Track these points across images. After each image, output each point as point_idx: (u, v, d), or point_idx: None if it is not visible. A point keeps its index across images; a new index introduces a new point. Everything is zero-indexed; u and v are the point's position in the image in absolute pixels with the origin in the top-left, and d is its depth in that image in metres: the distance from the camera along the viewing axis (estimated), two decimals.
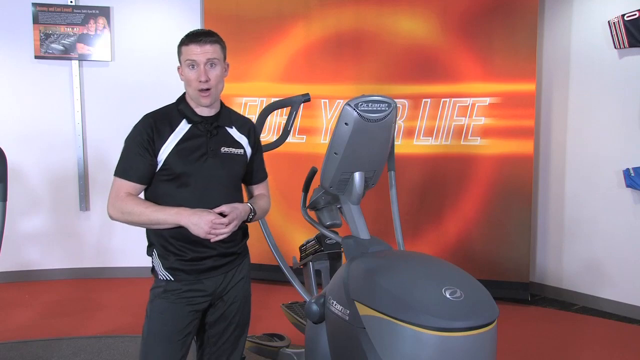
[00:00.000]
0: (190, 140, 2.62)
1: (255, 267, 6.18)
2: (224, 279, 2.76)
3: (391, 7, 5.92)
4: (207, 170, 2.61)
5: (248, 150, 2.77)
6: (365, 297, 2.38)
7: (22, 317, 5.17)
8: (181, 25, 6.45)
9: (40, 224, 5.98)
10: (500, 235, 5.76)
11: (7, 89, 6.16)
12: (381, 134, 2.72)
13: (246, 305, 2.91)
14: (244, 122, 2.83)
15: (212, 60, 2.63)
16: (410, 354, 2.24)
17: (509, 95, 5.63)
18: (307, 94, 2.98)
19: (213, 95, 2.67)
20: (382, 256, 2.66)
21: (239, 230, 2.70)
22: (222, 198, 2.61)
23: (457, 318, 2.22)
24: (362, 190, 2.77)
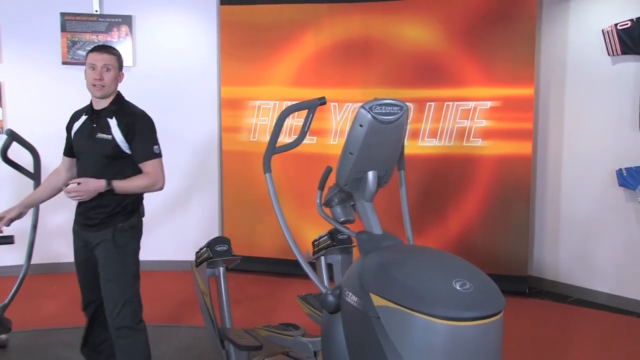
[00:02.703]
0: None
1: (269, 261, 6.28)
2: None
3: (397, 15, 5.92)
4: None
5: (118, 137, 3.15)
6: (380, 288, 2.38)
7: (51, 307, 5.20)
8: (198, 33, 6.49)
9: (67, 219, 5.98)
10: (499, 231, 5.75)
11: (37, 93, 6.21)
12: (393, 135, 2.72)
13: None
14: (127, 114, 3.23)
15: (107, 65, 3.19)
16: (423, 342, 2.24)
17: (509, 99, 5.62)
18: (323, 97, 2.96)
19: (104, 90, 3.20)
20: (395, 250, 2.66)
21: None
22: (93, 169, 3.15)
23: (467, 308, 2.22)
24: (375, 188, 2.77)
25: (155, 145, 3.26)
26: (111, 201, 3.18)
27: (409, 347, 2.26)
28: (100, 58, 3.19)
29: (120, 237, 3.23)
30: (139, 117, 3.26)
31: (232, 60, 6.35)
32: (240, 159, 6.40)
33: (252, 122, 6.34)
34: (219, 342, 3.77)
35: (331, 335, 2.69)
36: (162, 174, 3.27)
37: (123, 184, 3.15)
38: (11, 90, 6.17)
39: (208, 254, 3.80)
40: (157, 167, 3.24)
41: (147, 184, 3.21)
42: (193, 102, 6.47)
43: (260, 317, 4.90)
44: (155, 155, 3.24)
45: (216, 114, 6.51)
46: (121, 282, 3.22)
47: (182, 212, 6.51)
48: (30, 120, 5.98)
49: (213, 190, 6.59)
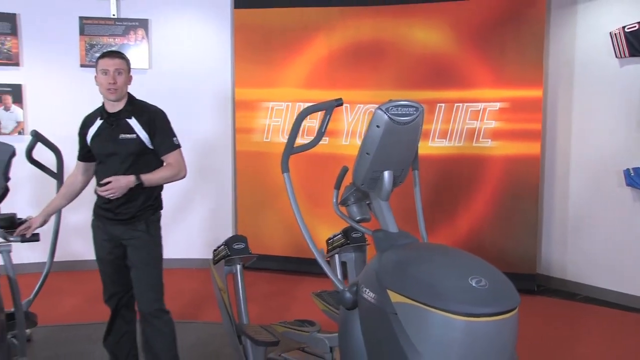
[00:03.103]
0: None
1: (282, 259, 6.29)
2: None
3: (407, 18, 5.94)
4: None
5: (142, 135, 3.25)
6: (397, 285, 2.39)
7: (70, 303, 5.25)
8: (213, 36, 6.52)
9: (84, 219, 6.02)
10: (508, 230, 5.76)
11: (56, 95, 6.26)
12: (409, 136, 2.74)
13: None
14: (143, 112, 3.32)
15: (119, 69, 3.26)
16: (440, 337, 2.26)
17: (518, 101, 5.63)
18: (339, 99, 2.98)
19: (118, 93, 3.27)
20: (411, 248, 2.67)
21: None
22: (120, 169, 3.23)
23: (483, 304, 2.24)
24: (391, 187, 2.78)
25: (174, 137, 3.37)
26: (140, 195, 3.28)
27: (425, 342, 2.28)
28: (112, 63, 3.26)
29: (153, 228, 3.38)
30: (156, 113, 3.37)
31: (246, 63, 6.38)
32: (254, 159, 6.43)
33: (265, 123, 6.37)
34: (237, 337, 3.79)
35: (348, 331, 2.70)
36: (184, 164, 3.38)
37: (150, 177, 3.25)
38: (32, 92, 6.22)
39: (226, 251, 3.83)
40: (178, 157, 3.36)
41: (171, 174, 3.32)
42: (207, 103, 6.51)
43: (275, 314, 4.93)
44: (175, 147, 3.35)
45: (230, 115, 6.54)
46: (154, 269, 3.36)
47: (197, 211, 6.55)
48: (49, 121, 6.00)
49: (227, 190, 6.62)
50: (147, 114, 3.32)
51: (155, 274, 3.36)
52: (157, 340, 3.33)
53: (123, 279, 3.42)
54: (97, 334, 4.35)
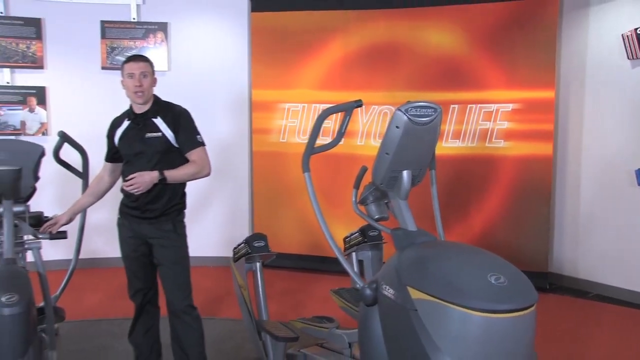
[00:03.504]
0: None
1: (297, 257, 6.31)
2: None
3: (421, 21, 5.95)
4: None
5: (167, 133, 3.30)
6: (417, 282, 2.41)
7: (94, 299, 5.30)
8: (230, 39, 6.55)
9: (106, 217, 6.07)
10: (521, 229, 5.75)
11: (78, 97, 6.31)
12: (428, 136, 2.76)
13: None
14: (168, 111, 3.38)
15: (144, 72, 3.32)
16: (459, 333, 2.27)
17: (530, 102, 5.62)
18: (359, 100, 3.01)
19: (145, 96, 3.33)
20: (430, 246, 2.69)
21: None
22: (147, 167, 3.25)
23: (502, 301, 2.25)
24: (410, 186, 2.80)
25: (198, 135, 3.40)
26: (165, 193, 3.32)
27: (445, 338, 2.30)
28: (137, 67, 3.32)
29: (180, 227, 3.42)
30: (180, 112, 3.41)
31: (263, 65, 6.40)
32: (270, 159, 6.46)
33: (282, 123, 6.39)
34: (257, 333, 3.83)
35: (368, 327, 2.72)
36: (207, 161, 3.41)
37: (174, 173, 3.27)
38: (55, 94, 6.28)
39: (246, 249, 3.86)
40: (202, 155, 3.38)
41: (195, 171, 3.33)
42: (225, 104, 6.54)
43: (292, 311, 4.95)
44: (199, 144, 3.38)
45: (247, 116, 6.57)
46: (183, 267, 3.39)
47: (214, 211, 6.58)
48: (72, 122, 6.05)
49: (244, 189, 6.65)
50: (172, 113, 3.37)
51: (184, 272, 3.38)
52: (186, 335, 3.37)
53: (148, 275, 3.45)
54: (120, 329, 4.41)
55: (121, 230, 3.46)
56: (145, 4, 6.40)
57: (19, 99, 6.14)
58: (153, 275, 3.46)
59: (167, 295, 3.37)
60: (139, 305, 3.51)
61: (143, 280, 3.45)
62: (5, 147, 3.39)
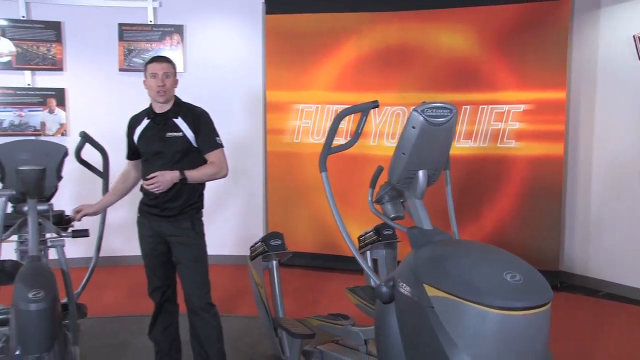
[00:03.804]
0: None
1: (311, 256, 6.33)
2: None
3: (433, 23, 5.95)
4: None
5: (188, 133, 3.34)
6: (434, 280, 2.42)
7: (112, 296, 5.35)
8: (245, 41, 6.57)
9: (124, 216, 6.12)
10: (532, 228, 5.74)
11: (96, 98, 6.36)
12: (443, 136, 2.77)
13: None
14: (189, 112, 3.41)
15: (167, 72, 3.35)
16: (475, 330, 2.28)
17: (542, 103, 5.62)
18: (376, 101, 3.01)
19: (167, 95, 3.36)
20: (446, 244, 2.70)
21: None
22: (167, 166, 3.29)
23: (518, 299, 2.26)
24: (425, 186, 2.81)
25: (217, 136, 3.44)
26: (184, 192, 3.34)
27: (462, 335, 2.31)
28: (160, 67, 3.36)
29: (198, 225, 3.45)
30: (200, 113, 3.44)
31: (277, 66, 6.43)
32: (284, 160, 6.49)
33: (296, 124, 6.41)
34: (273, 330, 3.85)
35: (385, 324, 2.74)
36: (225, 162, 3.44)
37: (194, 173, 3.32)
38: (74, 96, 6.33)
39: (263, 248, 3.88)
40: (221, 156, 3.42)
41: (213, 171, 3.38)
42: (240, 105, 6.56)
43: (306, 308, 4.95)
44: (218, 145, 3.42)
45: (261, 117, 6.59)
46: (202, 265, 3.42)
47: (229, 210, 6.61)
48: (90, 123, 6.09)
49: (258, 189, 6.68)
50: (193, 114, 3.40)
51: (203, 269, 3.41)
52: (206, 332, 3.38)
53: (167, 273, 3.47)
54: (140, 326, 4.44)
55: (140, 228, 3.48)
56: (162, 7, 6.44)
57: (39, 100, 6.19)
58: (172, 273, 3.48)
59: (186, 293, 3.39)
60: (158, 303, 3.53)
61: (162, 278, 3.47)
62: (29, 148, 3.42)
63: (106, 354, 4.08)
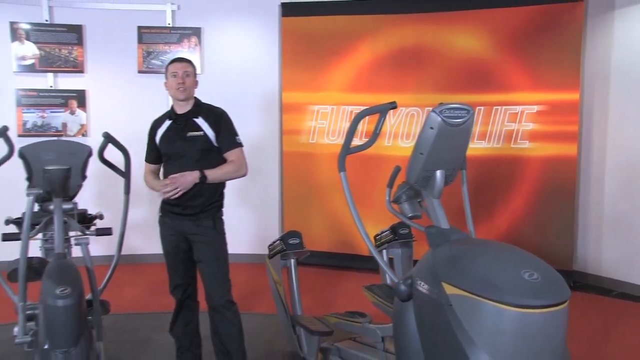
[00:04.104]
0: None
1: (326, 255, 6.34)
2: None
3: (448, 25, 5.95)
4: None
5: (209, 132, 3.38)
6: (452, 278, 2.43)
7: (131, 294, 5.39)
8: (261, 43, 6.60)
9: (142, 215, 6.17)
10: (545, 228, 5.73)
11: (116, 99, 6.42)
12: (460, 137, 2.78)
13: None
14: (209, 112, 3.46)
15: (187, 72, 3.42)
16: (494, 328, 2.29)
17: (555, 104, 5.60)
18: (394, 102, 3.03)
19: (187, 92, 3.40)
20: (464, 243, 2.71)
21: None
22: (189, 165, 3.32)
23: (536, 297, 2.27)
24: (443, 185, 2.82)
25: (237, 136, 3.49)
26: (205, 191, 3.38)
27: (480, 332, 2.31)
28: (180, 66, 3.43)
29: (219, 224, 3.50)
30: (221, 113, 3.50)
31: (293, 68, 6.45)
32: (300, 160, 6.51)
33: (311, 125, 6.44)
34: (291, 328, 3.87)
35: (403, 322, 2.75)
36: (245, 161, 3.48)
37: (214, 172, 3.35)
38: (94, 97, 6.39)
39: (281, 246, 3.90)
40: (240, 155, 3.47)
41: (233, 170, 3.42)
42: (256, 106, 6.59)
43: (322, 306, 4.97)
44: (238, 145, 3.48)
45: (277, 118, 6.62)
46: (223, 263, 3.45)
47: (246, 209, 6.64)
48: (110, 124, 6.13)
49: (274, 189, 6.70)
50: (214, 114, 3.45)
51: (224, 268, 3.44)
52: (226, 329, 3.42)
53: (187, 271, 3.51)
54: (160, 322, 4.47)
55: (162, 227, 3.52)
56: (180, 10, 6.48)
57: (61, 101, 6.26)
58: (193, 271, 3.51)
59: (207, 291, 3.42)
60: (179, 300, 3.57)
61: (183, 276, 3.50)
62: (55, 148, 3.45)
63: (128, 349, 4.12)
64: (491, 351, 2.29)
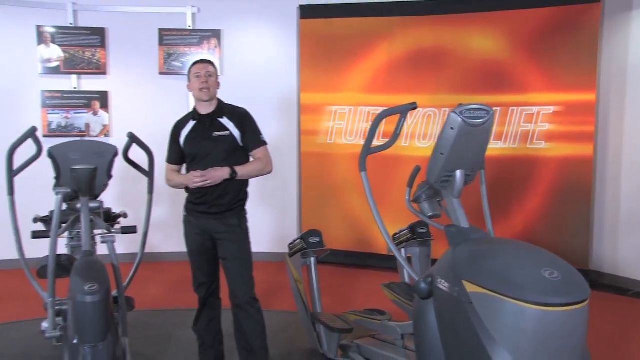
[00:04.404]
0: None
1: (343, 253, 6.35)
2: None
3: (465, 26, 5.95)
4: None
5: (234, 132, 3.41)
6: (473, 276, 2.44)
7: (153, 291, 5.43)
8: (280, 45, 6.63)
9: (163, 213, 6.22)
10: (562, 227, 5.71)
11: (137, 100, 6.48)
12: (480, 137, 2.78)
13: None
14: (233, 112, 3.49)
15: (209, 72, 3.44)
16: (514, 326, 2.29)
17: (571, 104, 5.58)
18: (414, 103, 3.04)
19: (210, 93, 3.42)
20: (484, 242, 2.72)
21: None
22: (215, 164, 3.35)
23: (556, 295, 2.27)
24: (463, 185, 2.83)
25: (262, 134, 3.52)
26: (232, 189, 3.40)
27: (501, 330, 2.32)
28: (203, 67, 3.45)
29: (244, 222, 3.53)
30: (245, 113, 3.54)
31: (311, 69, 6.48)
32: (318, 160, 6.53)
33: (329, 125, 6.45)
34: (312, 325, 3.89)
35: (424, 319, 2.76)
36: (270, 159, 3.52)
37: (243, 169, 3.40)
38: (116, 98, 6.46)
39: (302, 245, 3.92)
40: (266, 153, 3.51)
41: (260, 168, 3.47)
42: (275, 107, 6.61)
43: (341, 304, 4.98)
44: (263, 143, 3.52)
45: (295, 118, 6.64)
46: (248, 261, 3.48)
47: (264, 209, 6.66)
48: (132, 124, 6.18)
49: (292, 188, 6.73)
50: (238, 114, 3.48)
51: (249, 265, 3.46)
52: (250, 326, 3.43)
53: (212, 269, 3.53)
54: (182, 319, 4.52)
55: (187, 226, 3.54)
56: (200, 12, 6.52)
57: (84, 103, 6.33)
58: (216, 269, 3.54)
59: (232, 288, 3.44)
60: (203, 298, 3.58)
61: (207, 274, 3.52)
62: (82, 148, 3.49)
63: (151, 345, 4.16)
64: (512, 349, 2.29)
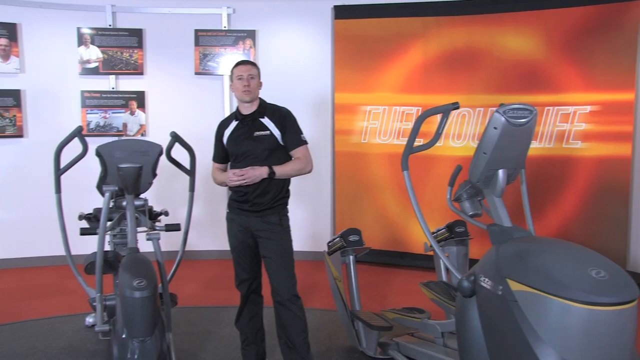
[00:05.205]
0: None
1: (377, 252, 6.36)
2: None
3: (499, 26, 5.92)
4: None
5: (275, 132, 3.44)
6: (518, 274, 2.45)
7: (190, 288, 5.50)
8: (314, 45, 6.66)
9: (197, 212, 6.29)
10: (598, 228, 5.65)
11: (173, 100, 6.58)
12: (523, 137, 2.79)
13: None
14: (274, 112, 3.52)
15: (251, 74, 3.47)
16: (561, 324, 2.30)
17: (609, 104, 5.52)
18: (456, 103, 3.07)
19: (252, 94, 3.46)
20: (528, 241, 2.73)
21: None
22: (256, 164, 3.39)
23: (604, 294, 2.27)
24: (505, 184, 2.84)
25: (302, 134, 3.53)
26: (272, 187, 3.43)
27: (547, 328, 2.33)
28: (245, 69, 3.48)
29: (285, 220, 3.56)
30: (286, 113, 3.56)
31: (345, 69, 6.50)
32: (352, 159, 6.55)
33: (363, 125, 6.47)
34: (351, 322, 3.92)
35: (466, 317, 2.77)
36: (310, 159, 3.53)
37: (281, 168, 3.42)
38: (153, 98, 6.56)
39: (341, 243, 3.95)
40: (306, 152, 3.52)
41: (300, 167, 3.48)
42: (309, 107, 6.65)
43: (377, 302, 5.00)
44: (303, 142, 3.52)
45: (330, 118, 6.67)
46: (289, 259, 3.51)
47: (299, 208, 6.69)
48: (168, 124, 6.26)
49: (326, 187, 6.75)
50: (279, 114, 3.51)
51: (290, 263, 3.49)
52: (292, 323, 3.45)
53: (253, 267, 3.56)
54: (219, 316, 4.59)
55: (230, 224, 3.58)
56: (236, 13, 6.60)
57: (122, 103, 6.44)
58: (258, 266, 3.58)
59: (274, 286, 3.47)
60: (245, 294, 3.63)
61: (249, 271, 3.57)
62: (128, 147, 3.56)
63: (193, 341, 4.22)
64: (558, 346, 2.30)
